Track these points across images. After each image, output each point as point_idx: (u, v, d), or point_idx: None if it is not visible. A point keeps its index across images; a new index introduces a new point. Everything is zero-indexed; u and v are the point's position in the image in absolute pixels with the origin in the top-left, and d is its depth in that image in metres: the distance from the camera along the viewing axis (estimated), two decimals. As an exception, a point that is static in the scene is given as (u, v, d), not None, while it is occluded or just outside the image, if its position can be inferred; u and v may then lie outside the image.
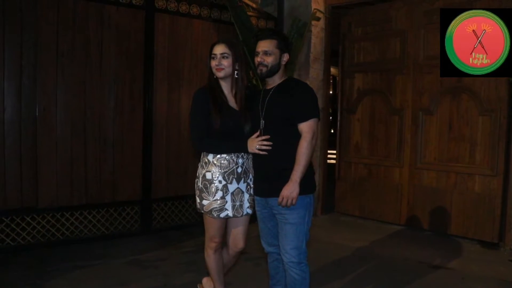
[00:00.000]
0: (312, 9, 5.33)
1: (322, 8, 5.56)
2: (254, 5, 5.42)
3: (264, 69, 2.55)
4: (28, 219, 4.06)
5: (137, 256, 4.06)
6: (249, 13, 5.16)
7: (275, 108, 2.55)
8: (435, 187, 5.00)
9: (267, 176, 2.58)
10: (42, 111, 4.09)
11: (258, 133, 2.58)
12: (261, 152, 2.53)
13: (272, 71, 2.57)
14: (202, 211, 2.69)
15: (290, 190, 2.44)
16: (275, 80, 2.62)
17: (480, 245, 4.60)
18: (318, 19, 5.29)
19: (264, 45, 2.56)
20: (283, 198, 2.46)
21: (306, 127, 2.48)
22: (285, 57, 2.61)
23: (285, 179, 2.48)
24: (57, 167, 4.19)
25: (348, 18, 5.85)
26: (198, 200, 2.70)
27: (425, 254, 4.33)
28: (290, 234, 2.53)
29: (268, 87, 2.65)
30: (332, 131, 8.87)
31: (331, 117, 8.38)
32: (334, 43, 5.92)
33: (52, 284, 3.38)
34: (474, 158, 4.72)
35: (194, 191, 2.75)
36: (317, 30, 5.64)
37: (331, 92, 8.02)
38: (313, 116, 2.50)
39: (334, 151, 6.18)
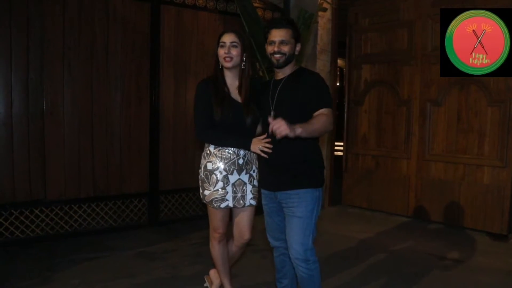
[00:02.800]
0: (319, 0, 5.28)
1: (329, -1, 5.52)
2: (260, -4, 5.39)
3: (282, 58, 2.50)
4: (36, 211, 4.09)
5: (144, 248, 4.09)
6: (255, 5, 5.12)
7: (290, 97, 2.49)
8: (443, 179, 4.96)
9: (275, 170, 2.54)
10: (49, 104, 4.11)
11: (265, 135, 2.49)
12: (262, 154, 2.48)
13: (288, 60, 2.53)
14: (205, 201, 2.71)
15: (283, 126, 2.15)
16: (286, 71, 2.57)
17: (489, 237, 4.57)
18: (324, 10, 5.25)
19: (281, 34, 2.50)
20: (274, 125, 2.18)
21: (326, 111, 2.42)
22: (298, 47, 2.58)
23: (294, 172, 2.45)
24: (65, 160, 4.22)
25: (355, 9, 5.79)
26: (201, 190, 2.72)
27: (433, 246, 4.31)
28: (297, 228, 2.48)
29: (278, 78, 2.60)
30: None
31: (338, 109, 8.33)
32: (341, 34, 5.87)
33: (60, 275, 3.42)
34: (482, 149, 4.67)
35: (199, 183, 2.76)
36: (324, 21, 5.60)
37: (338, 83, 7.96)
38: (330, 105, 2.47)
39: (341, 143, 6.16)
